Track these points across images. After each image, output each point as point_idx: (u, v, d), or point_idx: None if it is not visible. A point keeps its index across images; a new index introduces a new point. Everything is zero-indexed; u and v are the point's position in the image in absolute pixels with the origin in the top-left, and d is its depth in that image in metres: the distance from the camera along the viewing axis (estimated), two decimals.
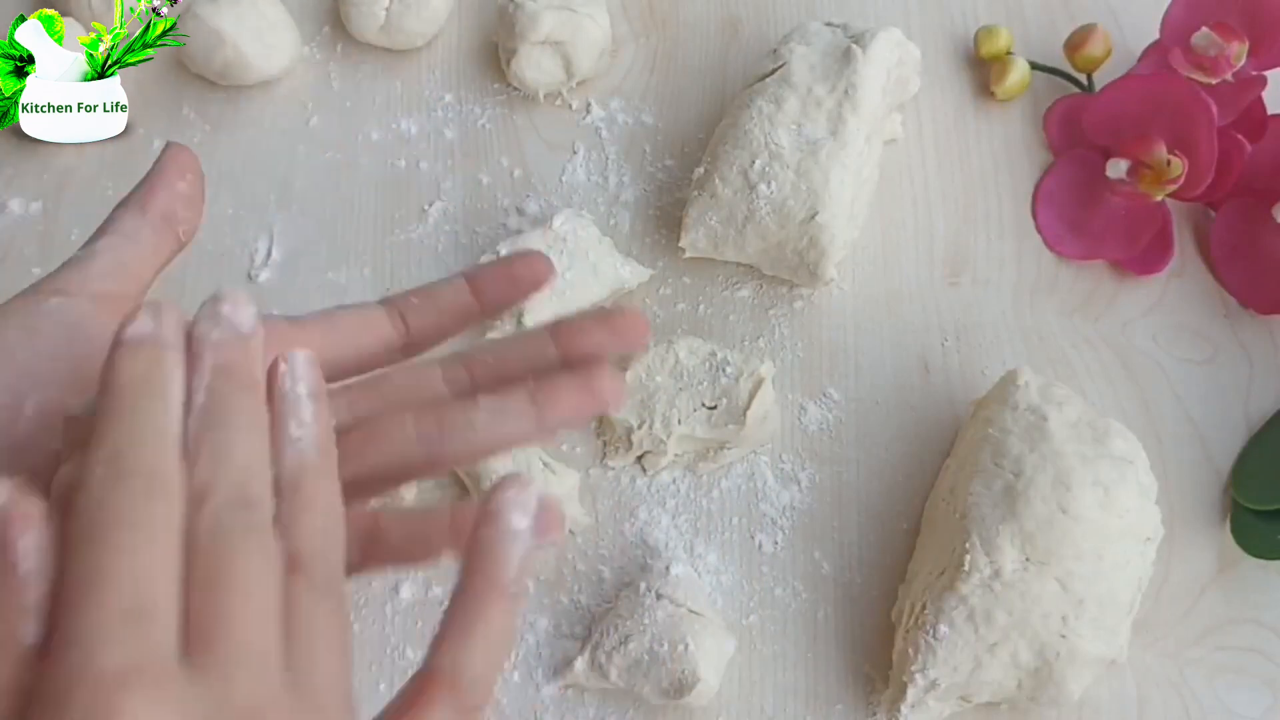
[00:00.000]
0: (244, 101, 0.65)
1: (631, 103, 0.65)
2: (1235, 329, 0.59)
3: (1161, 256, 0.60)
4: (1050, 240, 0.61)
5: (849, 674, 0.51)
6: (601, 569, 0.53)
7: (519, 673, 0.51)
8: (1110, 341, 0.58)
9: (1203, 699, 0.51)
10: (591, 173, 0.63)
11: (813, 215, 0.54)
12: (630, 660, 0.48)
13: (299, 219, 0.62)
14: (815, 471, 0.55)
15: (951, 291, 0.60)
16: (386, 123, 0.65)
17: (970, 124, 0.64)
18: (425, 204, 0.62)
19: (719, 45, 0.67)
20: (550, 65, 0.63)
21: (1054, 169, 0.62)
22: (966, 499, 0.49)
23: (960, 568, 0.47)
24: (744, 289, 0.59)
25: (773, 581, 0.53)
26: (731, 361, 0.54)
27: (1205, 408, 0.57)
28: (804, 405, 0.57)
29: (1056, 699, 0.47)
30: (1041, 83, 0.65)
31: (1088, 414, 0.50)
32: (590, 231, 0.57)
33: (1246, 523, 0.53)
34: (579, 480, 0.53)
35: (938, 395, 0.57)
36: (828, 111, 0.55)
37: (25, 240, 0.61)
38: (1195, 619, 0.52)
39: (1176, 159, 0.57)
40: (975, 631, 0.46)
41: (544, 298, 0.54)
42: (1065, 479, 0.47)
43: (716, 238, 0.57)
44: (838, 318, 0.59)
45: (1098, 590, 0.46)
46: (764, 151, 0.55)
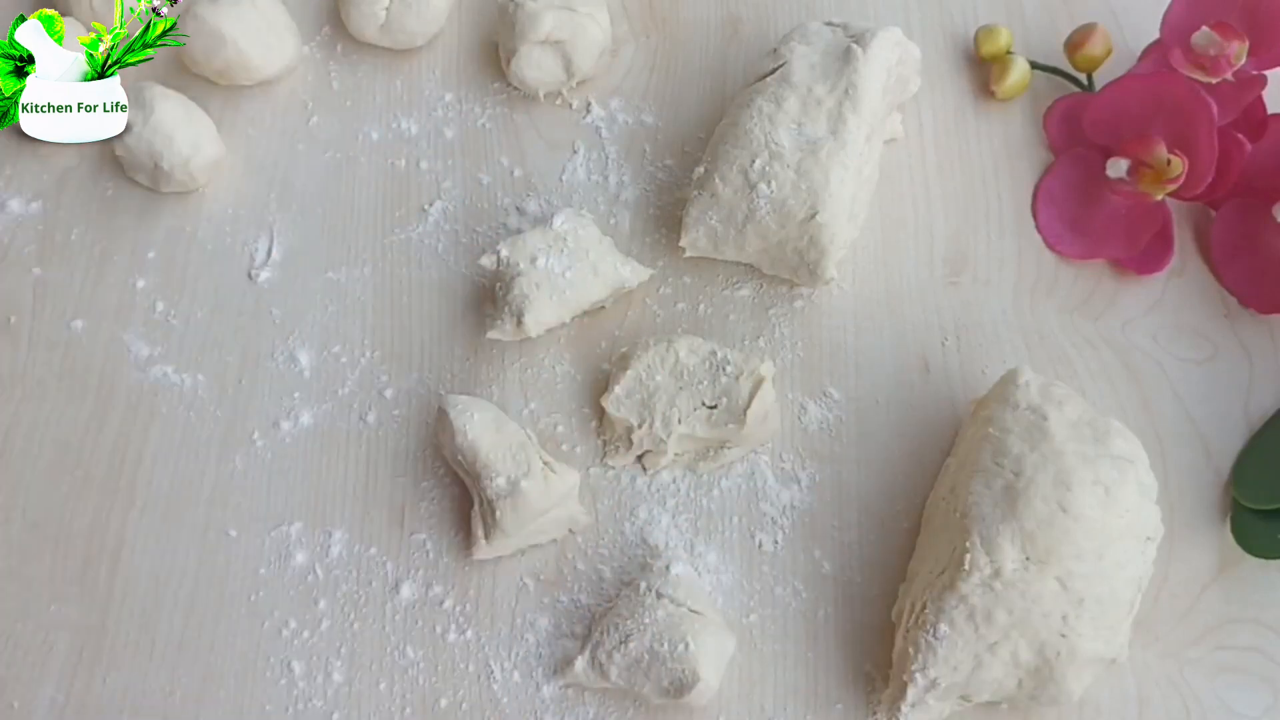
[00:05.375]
0: (244, 101, 0.65)
1: (631, 102, 0.65)
2: (1235, 328, 0.59)
3: (1161, 256, 0.60)
4: (1050, 240, 0.61)
5: (849, 673, 0.51)
6: (601, 568, 0.53)
7: (519, 672, 0.51)
8: (1110, 341, 0.58)
9: (1203, 698, 0.51)
10: (591, 172, 0.63)
11: (813, 214, 0.54)
12: (630, 659, 0.48)
13: (299, 219, 0.62)
14: (815, 471, 0.55)
15: (951, 291, 0.60)
16: (386, 122, 0.65)
17: (970, 124, 0.64)
18: (425, 203, 0.62)
19: (719, 45, 0.67)
20: (550, 65, 0.63)
21: (1054, 168, 0.62)
22: (967, 498, 0.49)
23: (960, 567, 0.47)
24: (744, 288, 0.59)
25: (773, 581, 0.53)
26: (732, 361, 0.54)
27: (1205, 407, 0.57)
28: (804, 404, 0.57)
29: (1057, 698, 0.47)
30: (1041, 82, 0.65)
31: (1088, 413, 0.50)
32: (590, 231, 0.57)
33: (1246, 522, 0.53)
34: (579, 480, 0.53)
35: (938, 395, 0.57)
36: (828, 111, 0.55)
37: (25, 240, 0.62)
38: (1195, 618, 0.52)
39: (1176, 158, 0.57)
40: (975, 630, 0.46)
41: (544, 297, 0.54)
42: (1065, 478, 0.47)
43: (717, 237, 0.57)
44: (838, 317, 0.59)
45: (1098, 589, 0.46)
46: (764, 151, 0.55)
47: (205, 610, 0.53)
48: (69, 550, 0.55)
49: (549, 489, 0.51)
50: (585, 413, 0.57)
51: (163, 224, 0.62)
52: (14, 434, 0.57)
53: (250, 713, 0.51)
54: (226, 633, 0.53)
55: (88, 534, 0.55)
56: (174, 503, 0.55)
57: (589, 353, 0.58)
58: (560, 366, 0.58)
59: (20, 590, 0.54)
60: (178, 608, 0.53)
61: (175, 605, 0.53)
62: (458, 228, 0.62)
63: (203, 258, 0.61)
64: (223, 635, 0.53)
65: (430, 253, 0.61)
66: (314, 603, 0.53)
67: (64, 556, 0.54)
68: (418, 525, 0.55)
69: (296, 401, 0.57)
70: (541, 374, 0.58)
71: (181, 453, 0.56)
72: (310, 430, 0.57)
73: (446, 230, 0.62)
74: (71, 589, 0.54)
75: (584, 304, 0.56)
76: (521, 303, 0.54)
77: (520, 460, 0.51)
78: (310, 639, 0.53)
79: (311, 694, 0.51)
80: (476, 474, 0.51)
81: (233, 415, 0.57)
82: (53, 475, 0.56)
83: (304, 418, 0.57)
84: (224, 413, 0.57)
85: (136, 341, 0.59)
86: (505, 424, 0.53)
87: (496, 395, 0.57)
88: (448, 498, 0.55)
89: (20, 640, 0.53)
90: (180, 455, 0.56)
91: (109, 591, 0.54)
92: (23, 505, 0.56)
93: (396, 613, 0.53)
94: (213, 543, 0.55)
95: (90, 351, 0.59)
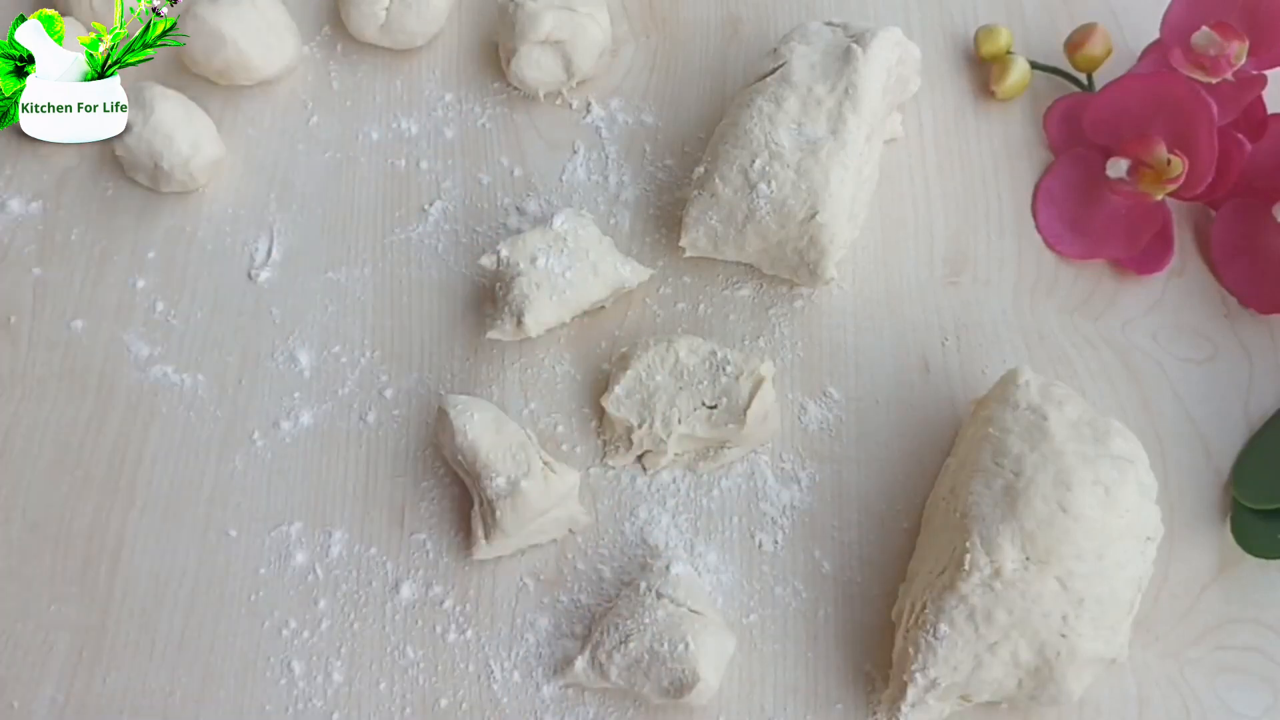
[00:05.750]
0: (244, 101, 0.65)
1: (631, 102, 0.65)
2: (1235, 328, 0.59)
3: (1161, 256, 0.60)
4: (1050, 240, 0.61)
5: (849, 673, 0.51)
6: (601, 568, 0.53)
7: (519, 672, 0.51)
8: (1110, 341, 0.58)
9: (1203, 698, 0.51)
10: (592, 172, 0.63)
11: (813, 214, 0.54)
12: (630, 659, 0.48)
13: (299, 219, 0.62)
14: (815, 471, 0.55)
15: (951, 291, 0.60)
16: (386, 122, 0.65)
17: (970, 124, 0.64)
18: (425, 203, 0.62)
19: (719, 45, 0.67)
20: (550, 65, 0.63)
21: (1054, 168, 0.62)
22: (967, 498, 0.49)
23: (960, 567, 0.47)
24: (744, 288, 0.59)
25: (773, 581, 0.53)
26: (732, 361, 0.54)
27: (1205, 407, 0.57)
28: (804, 404, 0.57)
29: (1057, 698, 0.47)
30: (1041, 82, 0.65)
31: (1088, 413, 0.50)
32: (591, 231, 0.57)
33: (1246, 522, 0.53)
34: (579, 480, 0.53)
35: (938, 394, 0.57)
36: (828, 111, 0.55)
37: (25, 240, 0.62)
38: (1195, 618, 0.52)
39: (1176, 158, 0.57)
40: (975, 630, 0.46)
41: (544, 297, 0.54)
42: (1065, 478, 0.47)
43: (717, 237, 0.57)
44: (838, 317, 0.59)
45: (1098, 589, 0.46)
46: (764, 151, 0.55)
47: (205, 610, 0.53)
48: (69, 550, 0.55)
49: (549, 489, 0.51)
50: (585, 413, 0.57)
51: (163, 224, 0.62)
52: (14, 434, 0.57)
53: (250, 713, 0.51)
54: (226, 633, 0.53)
55: (88, 534, 0.55)
56: (174, 503, 0.55)
57: (589, 353, 0.58)
58: (560, 366, 0.58)
59: (20, 590, 0.54)
60: (178, 608, 0.53)
61: (175, 605, 0.53)
62: (458, 228, 0.62)
63: (203, 258, 0.61)
64: (223, 635, 0.53)
65: (430, 253, 0.61)
66: (314, 603, 0.53)
67: (64, 556, 0.54)
68: (418, 525, 0.55)
69: (296, 401, 0.57)
70: (541, 374, 0.58)
71: (181, 453, 0.56)
72: (310, 430, 0.57)
73: (446, 230, 0.62)
74: (71, 589, 0.54)
75: (584, 304, 0.56)
76: (521, 303, 0.54)
77: (520, 460, 0.51)
78: (310, 639, 0.53)
79: (311, 694, 0.51)
80: (476, 474, 0.51)
81: (233, 415, 0.57)
82: (53, 475, 0.56)
83: (304, 418, 0.57)
84: (224, 413, 0.57)
85: (136, 341, 0.59)
86: (505, 424, 0.53)
87: (496, 395, 0.57)
88: (448, 498, 0.55)
89: (20, 640, 0.53)
90: (180, 455, 0.56)
91: (109, 591, 0.54)
92: (23, 505, 0.56)
93: (396, 613, 0.53)
94: (213, 543, 0.55)
95: (90, 351, 0.59)
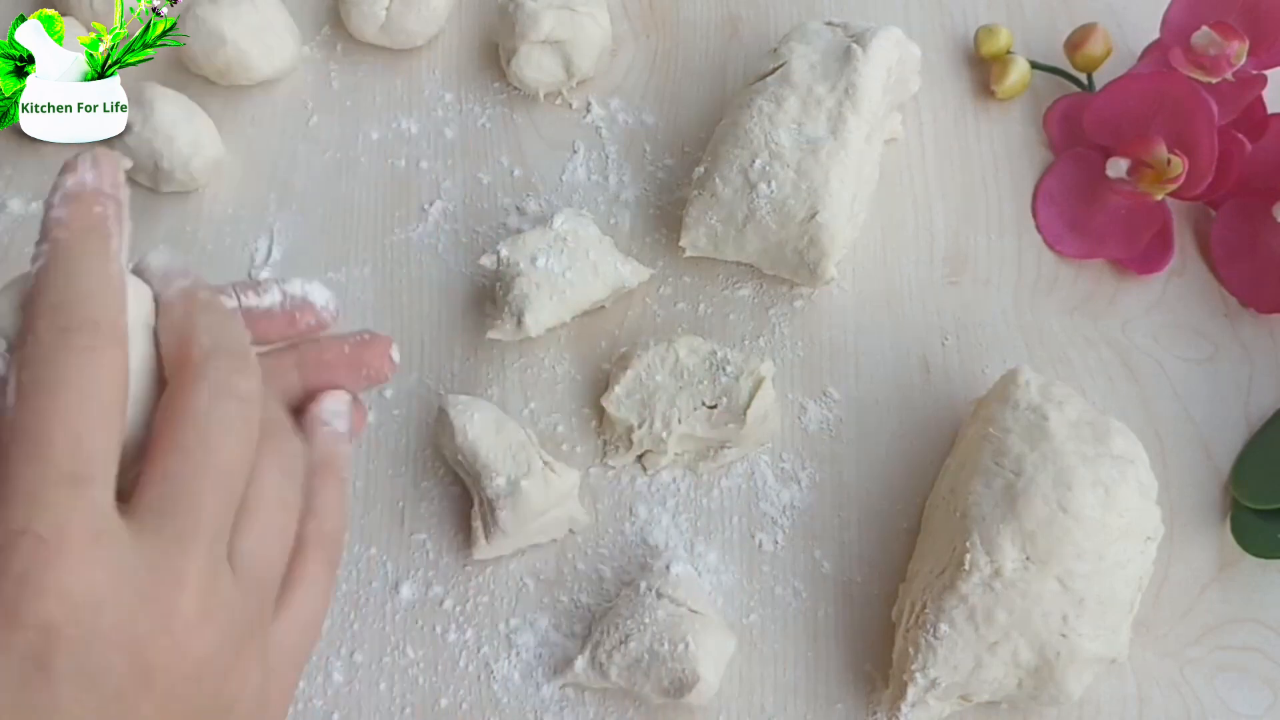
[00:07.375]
0: (244, 101, 0.65)
1: (631, 102, 0.65)
2: (1235, 328, 0.59)
3: (1162, 256, 0.60)
4: (1050, 239, 0.61)
5: (849, 673, 0.51)
6: (601, 568, 0.53)
7: (519, 672, 0.51)
8: (1110, 340, 0.58)
9: (1203, 698, 0.51)
10: (592, 172, 0.63)
11: (813, 214, 0.54)
12: (630, 659, 0.48)
13: (299, 219, 0.62)
14: (815, 471, 0.55)
15: (951, 291, 0.60)
16: (386, 122, 0.65)
17: (970, 123, 0.64)
18: (425, 203, 0.62)
19: (719, 45, 0.67)
20: (550, 64, 0.63)
21: (1054, 168, 0.62)
22: (967, 498, 0.49)
23: (961, 567, 0.47)
24: (744, 288, 0.59)
25: (773, 581, 0.53)
26: (732, 360, 0.54)
27: (1205, 407, 0.57)
28: (804, 404, 0.57)
29: (1057, 698, 0.47)
30: (1041, 82, 0.65)
31: (1088, 413, 0.50)
32: (590, 231, 0.57)
33: (1246, 522, 0.53)
34: (579, 480, 0.53)
35: (938, 394, 0.57)
36: (828, 111, 0.55)
37: (25, 240, 0.62)
38: (1195, 618, 0.52)
39: (1176, 158, 0.57)
40: (975, 630, 0.46)
41: (544, 297, 0.54)
42: (1066, 478, 0.47)
43: (717, 237, 0.57)
44: (838, 317, 0.59)
45: (1098, 589, 0.46)
46: (764, 151, 0.55)
47: None
48: None
49: (549, 489, 0.51)
50: (585, 413, 0.57)
51: (163, 224, 0.62)
52: None
53: None
54: None
55: None
56: None
57: (589, 353, 0.58)
58: (560, 366, 0.58)
59: None
60: None
61: None
62: (458, 228, 0.62)
63: (203, 258, 0.61)
64: None
65: (430, 253, 0.61)
66: None
67: None
68: (418, 525, 0.55)
69: None
70: (541, 374, 0.58)
71: None
72: None
73: (446, 230, 0.62)
74: None
75: (584, 304, 0.56)
76: (521, 303, 0.54)
77: (520, 460, 0.51)
78: None
79: (311, 694, 0.51)
80: (476, 474, 0.51)
81: None
82: None
83: None
84: None
85: None
86: (505, 424, 0.53)
87: (496, 395, 0.57)
88: (448, 498, 0.55)
89: None
90: None
91: None
92: None
93: (396, 613, 0.53)
94: None
95: None
